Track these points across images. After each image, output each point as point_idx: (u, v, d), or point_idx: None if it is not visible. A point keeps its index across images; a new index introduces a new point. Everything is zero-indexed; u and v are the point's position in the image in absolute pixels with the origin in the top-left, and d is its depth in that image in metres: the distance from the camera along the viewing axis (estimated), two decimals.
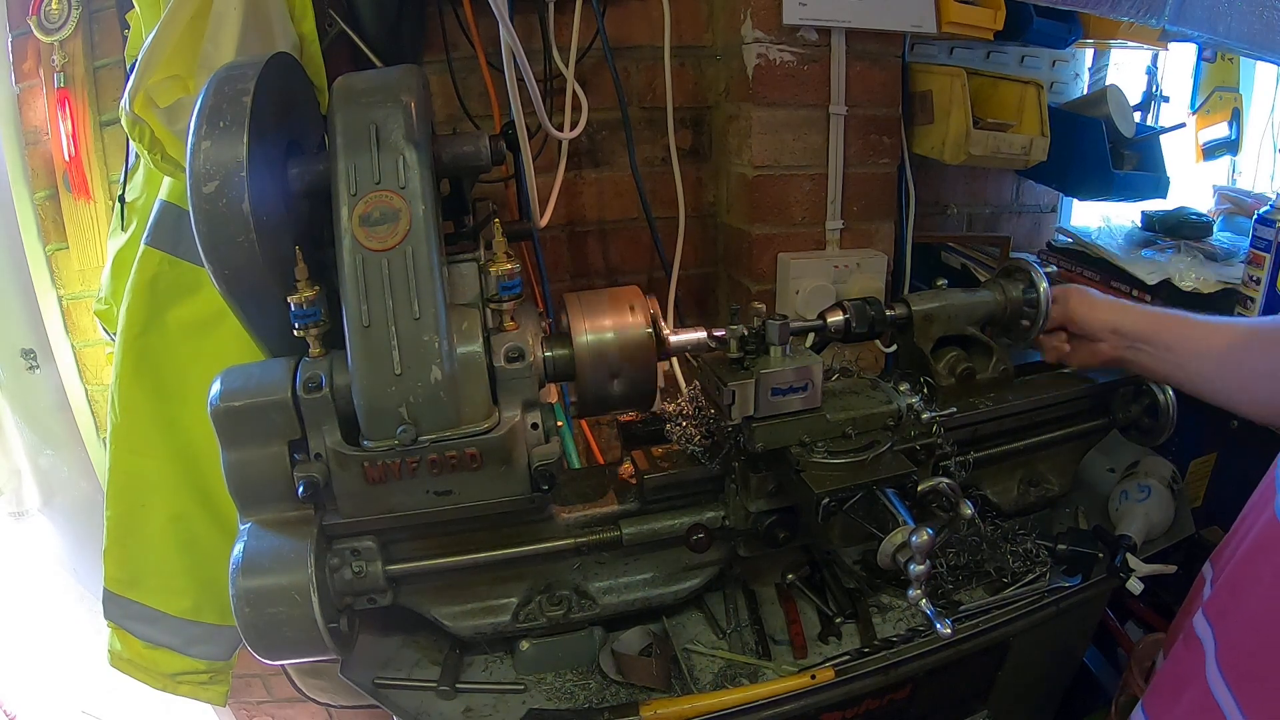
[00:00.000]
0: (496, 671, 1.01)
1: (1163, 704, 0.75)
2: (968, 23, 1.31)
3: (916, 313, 1.02)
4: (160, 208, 1.17)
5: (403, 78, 0.86)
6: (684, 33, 1.42)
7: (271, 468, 0.84)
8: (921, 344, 1.04)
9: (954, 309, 1.03)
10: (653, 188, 1.44)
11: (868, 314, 0.99)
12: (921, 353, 1.04)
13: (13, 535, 1.59)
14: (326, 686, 1.62)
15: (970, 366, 1.05)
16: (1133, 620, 1.44)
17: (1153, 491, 1.12)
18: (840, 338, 1.00)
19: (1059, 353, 1.05)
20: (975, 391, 1.06)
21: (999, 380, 1.07)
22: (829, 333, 0.99)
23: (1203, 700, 0.65)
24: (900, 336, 1.05)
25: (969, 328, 1.06)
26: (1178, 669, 0.74)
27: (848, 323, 0.99)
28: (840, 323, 0.99)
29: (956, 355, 1.06)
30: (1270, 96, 1.81)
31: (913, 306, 1.03)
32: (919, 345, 1.04)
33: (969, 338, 1.08)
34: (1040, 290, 1.02)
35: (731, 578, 1.10)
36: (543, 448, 0.87)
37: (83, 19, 1.36)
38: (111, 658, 1.29)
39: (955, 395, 1.04)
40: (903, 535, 0.78)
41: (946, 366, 1.05)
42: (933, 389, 1.03)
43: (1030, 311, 1.04)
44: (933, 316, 1.02)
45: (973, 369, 1.06)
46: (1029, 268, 1.04)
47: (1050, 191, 1.87)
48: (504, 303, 0.86)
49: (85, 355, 1.58)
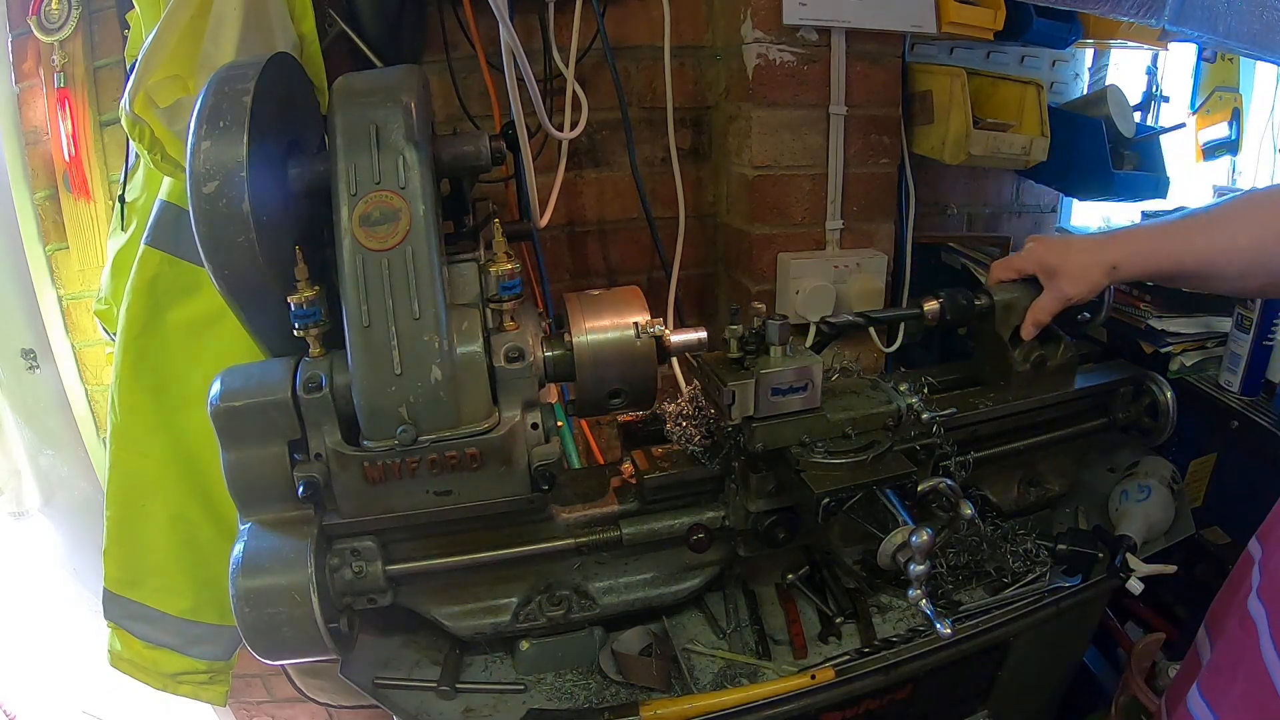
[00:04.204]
0: (496, 671, 1.01)
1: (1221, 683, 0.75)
2: (968, 23, 1.31)
3: (999, 302, 1.06)
4: (160, 208, 1.16)
5: (403, 78, 0.86)
6: (684, 33, 1.42)
7: (271, 468, 0.84)
8: (1001, 331, 1.07)
9: (1030, 299, 1.07)
10: (653, 188, 1.44)
11: (959, 303, 1.05)
12: (1000, 339, 1.08)
13: (13, 535, 1.59)
14: (326, 686, 1.62)
15: (1043, 354, 1.09)
16: (1133, 620, 1.44)
17: (1153, 491, 1.12)
18: (935, 324, 1.06)
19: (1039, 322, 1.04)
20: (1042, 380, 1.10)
21: (1065, 367, 1.11)
22: (926, 319, 1.05)
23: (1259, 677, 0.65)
24: (981, 325, 1.09)
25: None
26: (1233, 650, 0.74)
27: (942, 310, 1.05)
28: (936, 310, 1.05)
29: (1030, 343, 1.09)
30: (1270, 96, 1.81)
31: (995, 296, 1.07)
32: (999, 333, 1.08)
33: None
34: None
35: (731, 578, 1.10)
36: (543, 448, 0.87)
37: (83, 19, 1.36)
38: (111, 658, 1.29)
39: (1028, 382, 1.09)
40: (903, 535, 0.78)
41: (1021, 354, 1.09)
42: (933, 389, 1.04)
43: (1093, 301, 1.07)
44: (1012, 306, 1.06)
45: (1044, 356, 1.09)
46: None
47: (1050, 191, 1.87)
48: (504, 303, 0.86)
49: (85, 355, 1.57)
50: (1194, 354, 1.34)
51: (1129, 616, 1.45)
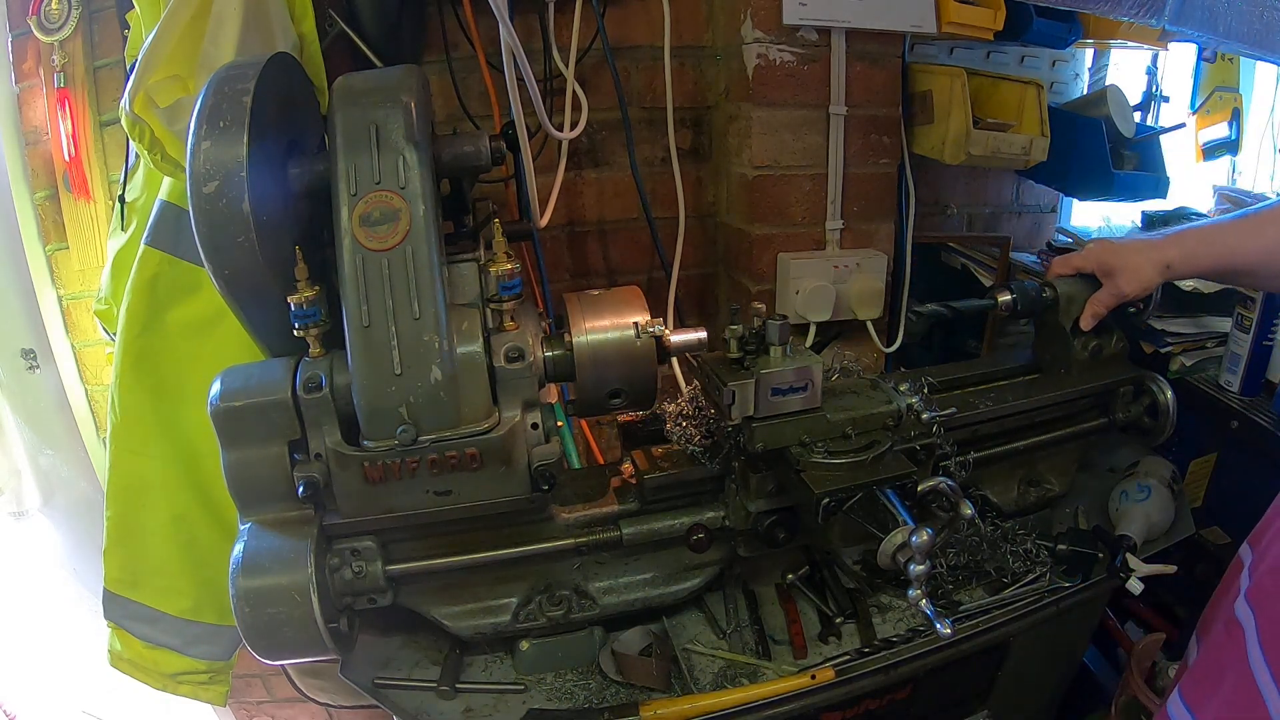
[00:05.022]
0: (496, 671, 1.01)
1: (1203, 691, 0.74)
2: (968, 23, 1.31)
3: (1062, 294, 1.12)
4: (160, 208, 1.16)
5: (403, 78, 0.86)
6: (684, 33, 1.42)
7: (271, 468, 0.84)
8: (1064, 322, 1.13)
9: (1090, 292, 1.12)
10: (653, 188, 1.44)
11: (1029, 294, 1.12)
12: (1062, 329, 1.13)
13: (13, 535, 1.59)
14: (326, 686, 1.62)
15: (1099, 343, 1.14)
16: (1133, 620, 1.44)
17: (1153, 491, 1.12)
18: (1007, 314, 1.12)
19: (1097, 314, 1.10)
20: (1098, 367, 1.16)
21: (1117, 356, 1.17)
22: (999, 310, 1.12)
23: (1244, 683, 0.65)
24: (1046, 315, 1.15)
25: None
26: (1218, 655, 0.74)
27: (1014, 301, 1.11)
28: (1009, 301, 1.11)
29: (1088, 333, 1.14)
30: (1270, 96, 1.81)
31: (1059, 289, 1.12)
32: (1061, 323, 1.13)
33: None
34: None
35: (731, 578, 1.10)
36: (543, 448, 0.87)
37: (83, 19, 1.36)
38: (111, 658, 1.29)
39: (1087, 369, 1.15)
40: (903, 535, 0.78)
41: (1080, 344, 1.14)
42: (933, 388, 1.04)
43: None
44: (1074, 298, 1.12)
45: (1100, 345, 1.14)
46: None
47: (1050, 191, 1.87)
48: (504, 303, 0.86)
49: (85, 355, 1.57)
50: (1194, 354, 1.34)
51: (1129, 616, 1.45)
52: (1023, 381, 1.15)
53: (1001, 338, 1.65)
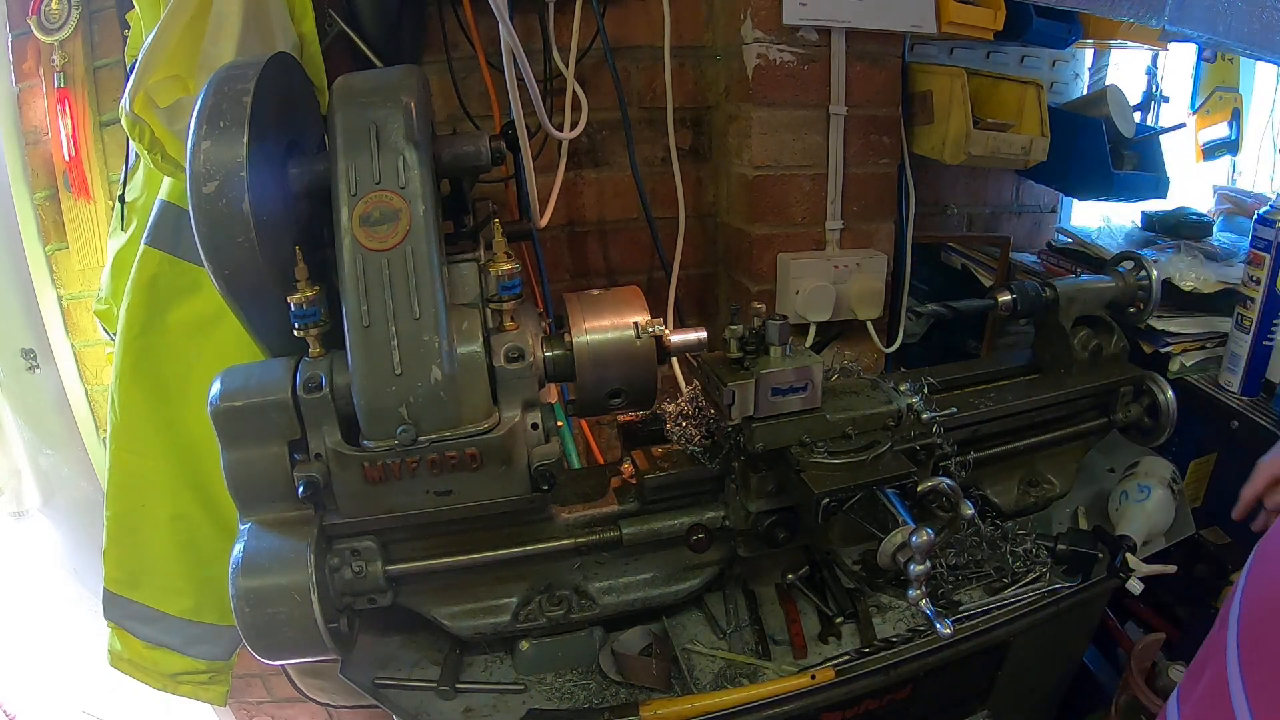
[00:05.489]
0: (496, 671, 1.01)
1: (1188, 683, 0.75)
2: (968, 23, 1.31)
3: (1062, 294, 1.14)
4: (160, 208, 1.16)
5: (403, 78, 0.86)
6: (684, 33, 1.42)
7: (271, 468, 0.84)
8: (1064, 322, 1.14)
9: (1090, 292, 1.15)
10: (653, 188, 1.44)
11: (1029, 294, 1.13)
12: (1062, 329, 1.15)
13: (13, 535, 1.59)
14: (326, 686, 1.62)
15: (1099, 342, 1.15)
16: (1133, 620, 1.44)
17: (1153, 491, 1.12)
18: (1007, 314, 1.13)
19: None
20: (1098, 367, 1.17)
21: (1118, 355, 1.18)
22: (999, 310, 1.13)
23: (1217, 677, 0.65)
24: (1046, 315, 1.16)
25: (1098, 309, 1.17)
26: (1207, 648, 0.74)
27: (1015, 302, 1.12)
28: (1009, 301, 1.13)
29: (1087, 333, 1.16)
30: (1270, 96, 1.81)
31: (1059, 289, 1.14)
32: (1061, 323, 1.14)
33: (1095, 318, 1.19)
34: (1152, 276, 1.16)
35: (731, 578, 1.10)
36: (543, 448, 0.87)
37: (83, 19, 1.35)
38: (111, 658, 1.29)
39: (1087, 369, 1.16)
40: (903, 535, 0.78)
41: (1080, 343, 1.15)
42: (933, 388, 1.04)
43: (1142, 295, 1.17)
44: (1074, 298, 1.14)
45: (1100, 345, 1.15)
46: (1137, 256, 1.20)
47: (1050, 191, 1.87)
48: (504, 303, 0.86)
49: (85, 355, 1.57)
50: (1194, 354, 1.34)
51: (1129, 616, 1.44)
52: (1023, 381, 1.16)
53: (1001, 338, 1.65)
